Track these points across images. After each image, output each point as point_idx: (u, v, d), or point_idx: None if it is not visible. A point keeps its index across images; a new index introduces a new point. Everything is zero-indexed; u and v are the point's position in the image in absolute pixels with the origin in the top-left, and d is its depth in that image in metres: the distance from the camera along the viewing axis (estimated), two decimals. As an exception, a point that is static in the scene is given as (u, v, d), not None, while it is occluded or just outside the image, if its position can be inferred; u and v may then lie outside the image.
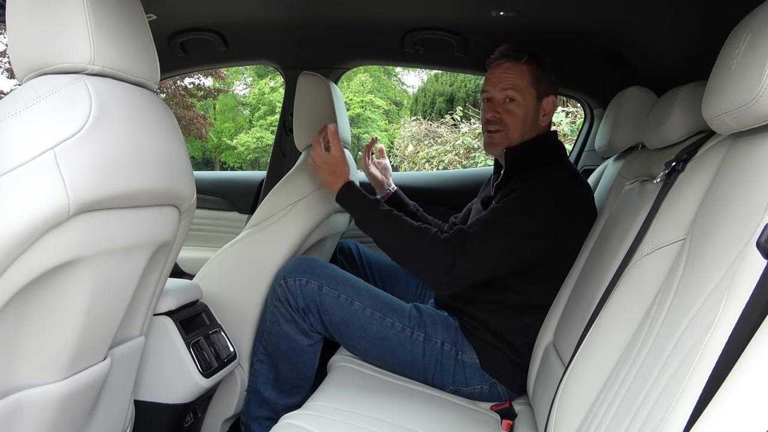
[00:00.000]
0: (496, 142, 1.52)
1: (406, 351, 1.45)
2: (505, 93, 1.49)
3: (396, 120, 15.92)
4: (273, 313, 1.50)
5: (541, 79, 1.49)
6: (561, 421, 0.99)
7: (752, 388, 0.48)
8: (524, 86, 1.48)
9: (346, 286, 1.47)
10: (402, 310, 1.48)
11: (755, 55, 0.72)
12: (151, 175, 0.94)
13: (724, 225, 0.74)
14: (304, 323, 1.48)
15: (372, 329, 1.45)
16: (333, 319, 1.46)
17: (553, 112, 1.53)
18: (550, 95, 1.51)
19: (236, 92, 16.76)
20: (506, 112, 1.49)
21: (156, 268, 1.12)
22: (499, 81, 1.50)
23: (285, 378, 1.53)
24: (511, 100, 1.48)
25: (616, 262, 1.09)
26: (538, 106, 1.50)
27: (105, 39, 0.87)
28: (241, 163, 15.45)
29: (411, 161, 9.53)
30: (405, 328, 1.45)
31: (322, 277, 1.46)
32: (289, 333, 1.49)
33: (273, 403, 1.54)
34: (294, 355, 1.51)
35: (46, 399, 0.90)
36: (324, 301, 1.45)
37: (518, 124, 1.49)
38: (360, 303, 1.45)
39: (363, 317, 1.45)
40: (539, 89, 1.49)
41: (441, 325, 1.48)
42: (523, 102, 1.48)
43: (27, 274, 0.79)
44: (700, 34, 1.52)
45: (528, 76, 1.48)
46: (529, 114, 1.49)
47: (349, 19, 1.89)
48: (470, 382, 1.46)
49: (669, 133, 1.14)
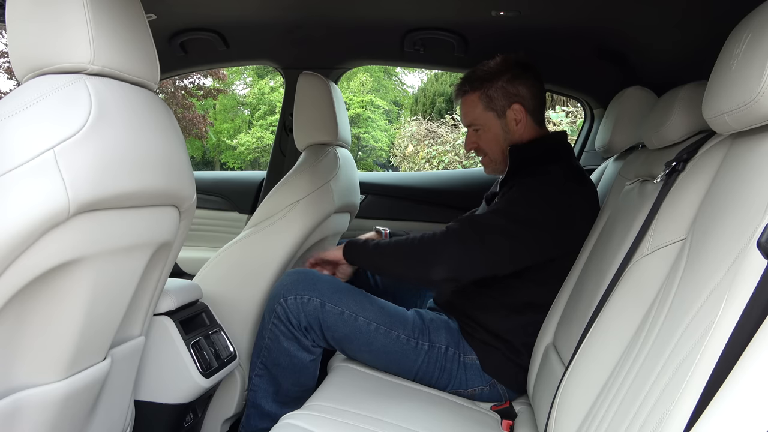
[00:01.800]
0: (485, 165, 1.65)
1: (410, 361, 1.45)
2: (470, 126, 1.61)
3: (396, 120, 15.93)
4: (272, 331, 1.47)
5: (493, 98, 1.54)
6: (561, 422, 0.99)
7: (753, 388, 0.48)
8: (480, 114, 1.56)
9: (348, 301, 1.45)
10: (405, 320, 1.47)
11: (755, 55, 0.72)
12: (151, 175, 0.94)
13: (725, 225, 0.74)
14: (306, 340, 1.46)
15: (377, 343, 1.44)
16: (337, 335, 1.44)
17: (524, 116, 1.53)
18: (512, 105, 1.53)
19: (236, 92, 16.77)
20: (478, 140, 1.60)
21: (156, 268, 1.12)
22: (462, 117, 1.63)
23: (286, 391, 1.51)
24: (476, 130, 1.59)
25: (617, 262, 1.09)
26: (503, 122, 1.55)
27: (105, 39, 0.86)
28: (241, 164, 15.46)
29: (411, 161, 9.54)
30: (410, 339, 1.45)
31: (323, 293, 1.44)
32: (290, 350, 1.46)
33: (275, 415, 1.49)
34: (295, 371, 1.49)
35: (46, 399, 0.90)
36: (327, 318, 1.43)
37: (492, 144, 1.58)
38: (364, 318, 1.44)
39: (368, 332, 1.43)
40: (495, 109, 1.54)
41: (444, 330, 1.48)
42: (487, 126, 1.57)
43: (27, 275, 0.79)
44: (701, 34, 1.52)
45: (479, 104, 1.55)
46: (497, 133, 1.56)
47: (349, 19, 1.89)
48: (470, 384, 1.46)
49: (669, 133, 1.14)
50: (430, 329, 1.47)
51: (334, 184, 1.72)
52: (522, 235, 1.36)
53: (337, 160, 1.78)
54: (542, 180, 1.43)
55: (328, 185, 1.69)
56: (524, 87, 1.53)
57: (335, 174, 1.74)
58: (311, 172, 1.68)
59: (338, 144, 1.84)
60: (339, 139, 1.80)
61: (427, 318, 1.50)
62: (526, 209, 1.38)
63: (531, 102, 1.54)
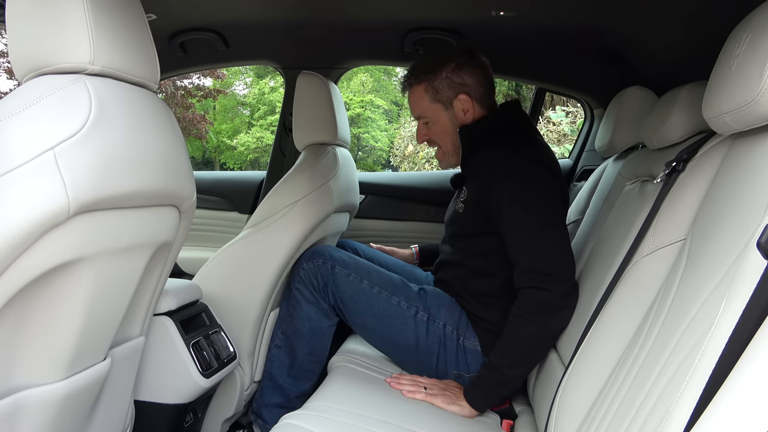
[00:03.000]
0: (439, 159, 1.65)
1: (410, 330, 1.49)
2: (419, 119, 1.61)
3: (396, 120, 15.92)
4: (295, 297, 1.58)
5: (439, 89, 1.54)
6: (561, 422, 0.99)
7: (752, 389, 0.48)
8: (427, 107, 1.57)
9: (357, 267, 1.55)
10: (408, 291, 1.53)
11: (755, 55, 0.72)
12: (151, 175, 0.94)
13: (725, 225, 0.74)
14: (325, 303, 1.56)
15: (378, 307, 1.51)
16: (343, 296, 1.53)
17: (471, 105, 1.53)
18: (458, 95, 1.52)
19: (236, 92, 16.77)
20: (429, 132, 1.61)
21: (156, 268, 1.12)
22: (411, 110, 1.63)
23: (301, 362, 1.60)
24: (426, 122, 1.60)
25: (617, 262, 1.09)
26: (451, 112, 1.55)
27: (105, 39, 0.86)
28: (241, 164, 15.46)
29: (411, 161, 9.54)
30: (410, 308, 1.50)
31: (335, 259, 1.55)
32: (310, 314, 1.57)
33: (287, 389, 1.61)
34: (313, 337, 1.58)
35: (46, 399, 0.90)
36: (336, 279, 1.53)
37: (443, 136, 1.59)
38: (368, 282, 1.53)
39: (370, 295, 1.51)
40: (442, 100, 1.55)
41: (445, 308, 1.51)
42: (435, 118, 1.57)
43: (27, 275, 0.79)
44: (701, 34, 1.52)
45: (426, 96, 1.55)
46: (446, 124, 1.57)
47: (349, 19, 1.89)
48: (471, 369, 1.47)
49: (669, 133, 1.14)
50: (431, 304, 1.51)
51: (333, 183, 1.72)
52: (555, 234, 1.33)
53: (337, 159, 1.78)
54: (519, 178, 1.37)
55: (327, 185, 1.69)
56: (469, 75, 1.53)
57: (335, 173, 1.74)
58: (311, 171, 1.68)
59: (338, 144, 1.84)
60: (338, 139, 1.80)
61: (432, 294, 1.55)
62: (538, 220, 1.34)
63: (477, 90, 1.54)
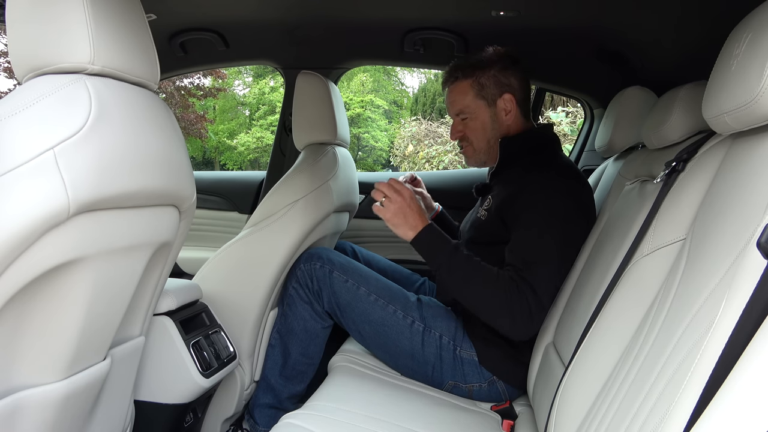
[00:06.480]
0: (467, 155, 1.65)
1: (405, 339, 1.49)
2: (458, 115, 1.60)
3: (396, 120, 15.93)
4: (291, 296, 1.59)
5: (485, 86, 1.55)
6: (561, 422, 0.99)
7: (752, 388, 0.48)
8: (470, 102, 1.57)
9: (354, 273, 1.55)
10: (405, 300, 1.53)
11: (755, 55, 0.72)
12: (151, 175, 0.94)
13: (725, 225, 0.74)
14: (318, 306, 1.57)
15: (374, 314, 1.51)
16: (340, 302, 1.54)
17: (514, 107, 1.55)
18: (503, 94, 1.54)
19: (236, 92, 16.76)
20: (465, 129, 1.60)
21: (156, 268, 1.12)
22: (450, 105, 1.62)
23: (293, 363, 1.61)
24: (464, 119, 1.59)
25: (616, 262, 1.09)
26: (493, 111, 1.56)
27: (105, 39, 0.86)
28: (241, 164, 15.46)
29: (411, 161, 9.54)
30: (406, 317, 1.50)
31: (334, 263, 1.56)
32: (304, 315, 1.58)
33: (278, 390, 1.61)
34: (307, 337, 1.59)
35: (46, 399, 0.90)
36: (334, 283, 1.54)
37: (479, 134, 1.59)
38: (366, 289, 1.53)
39: (367, 302, 1.52)
40: (486, 97, 1.55)
41: (441, 318, 1.51)
42: (476, 114, 1.57)
43: (27, 274, 0.79)
44: (701, 34, 1.52)
45: (471, 91, 1.56)
46: (486, 122, 1.57)
47: (349, 19, 1.89)
48: (468, 379, 1.46)
49: (669, 133, 1.14)
50: (427, 315, 1.51)
51: (333, 183, 1.72)
52: (568, 249, 1.38)
53: (336, 159, 1.78)
54: (548, 194, 1.40)
55: (327, 184, 1.69)
56: (515, 78, 1.56)
57: (334, 173, 1.74)
58: (310, 171, 1.68)
59: (337, 143, 1.84)
60: (338, 139, 1.80)
61: (428, 304, 1.55)
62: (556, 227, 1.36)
63: (520, 93, 1.57)
